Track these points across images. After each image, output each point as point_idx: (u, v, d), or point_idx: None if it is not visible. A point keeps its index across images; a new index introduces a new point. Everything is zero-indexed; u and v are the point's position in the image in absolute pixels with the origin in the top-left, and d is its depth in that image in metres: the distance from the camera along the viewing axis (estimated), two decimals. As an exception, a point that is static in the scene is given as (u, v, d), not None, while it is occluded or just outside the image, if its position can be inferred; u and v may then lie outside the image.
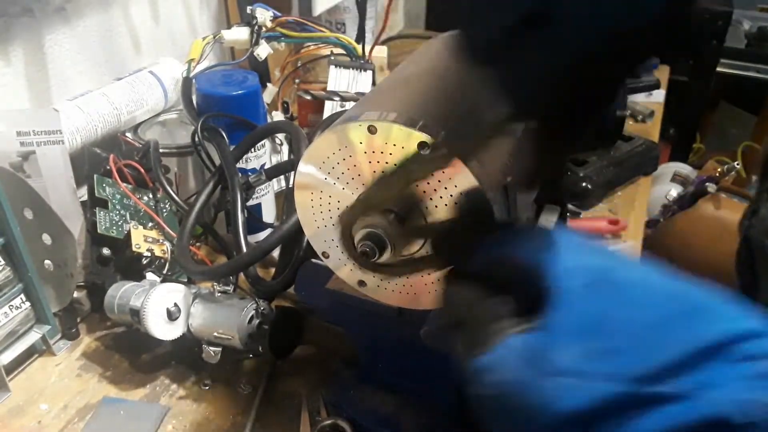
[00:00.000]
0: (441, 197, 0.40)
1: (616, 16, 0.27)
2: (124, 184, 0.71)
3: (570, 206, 0.88)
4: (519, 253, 0.33)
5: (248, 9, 0.87)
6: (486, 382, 0.31)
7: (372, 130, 0.40)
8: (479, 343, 0.32)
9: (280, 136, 0.81)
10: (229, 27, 0.96)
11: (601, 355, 0.28)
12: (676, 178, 1.43)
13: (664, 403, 0.27)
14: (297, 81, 0.96)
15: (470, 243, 0.35)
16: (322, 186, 0.44)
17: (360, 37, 0.95)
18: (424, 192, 0.41)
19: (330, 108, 0.88)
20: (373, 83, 0.91)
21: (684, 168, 1.48)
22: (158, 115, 0.86)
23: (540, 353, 0.29)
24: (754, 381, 0.26)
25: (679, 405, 0.27)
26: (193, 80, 0.80)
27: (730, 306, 0.30)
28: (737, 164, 1.32)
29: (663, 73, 1.28)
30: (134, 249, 0.67)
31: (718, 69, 1.62)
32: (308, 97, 0.91)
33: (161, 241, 0.70)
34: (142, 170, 0.72)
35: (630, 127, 1.11)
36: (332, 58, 0.91)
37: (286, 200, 0.77)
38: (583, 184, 0.88)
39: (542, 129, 0.34)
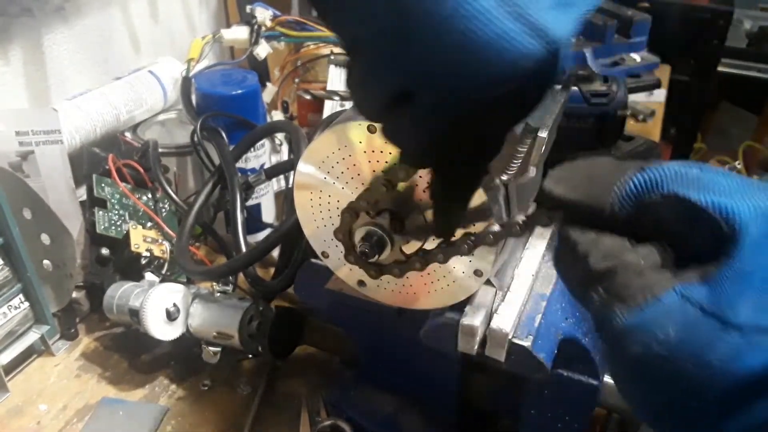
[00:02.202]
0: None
1: (473, 88, 0.27)
2: (123, 184, 0.70)
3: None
4: (692, 192, 0.27)
5: (248, 8, 0.86)
6: (646, 341, 0.26)
7: (371, 129, 0.40)
8: (635, 295, 0.26)
9: (280, 135, 0.81)
10: (228, 26, 0.96)
11: None
12: (676, 178, 1.43)
13: None
14: (297, 80, 0.96)
15: (607, 176, 0.28)
16: (322, 185, 0.44)
17: (360, 37, 0.94)
18: (424, 191, 0.41)
19: (330, 107, 0.88)
20: (373, 83, 0.91)
21: (685, 168, 1.48)
22: (157, 114, 0.86)
23: (719, 306, 0.25)
24: None
25: None
26: (193, 80, 0.80)
27: None
28: (738, 164, 1.32)
29: (664, 73, 1.28)
30: (133, 249, 0.67)
31: (719, 69, 1.61)
32: (308, 97, 0.91)
33: (160, 241, 0.70)
34: (141, 170, 0.72)
35: (631, 126, 1.11)
36: (332, 57, 0.90)
37: (285, 200, 0.77)
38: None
39: (438, 177, 0.35)
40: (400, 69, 0.27)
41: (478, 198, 0.40)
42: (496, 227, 0.38)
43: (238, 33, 0.86)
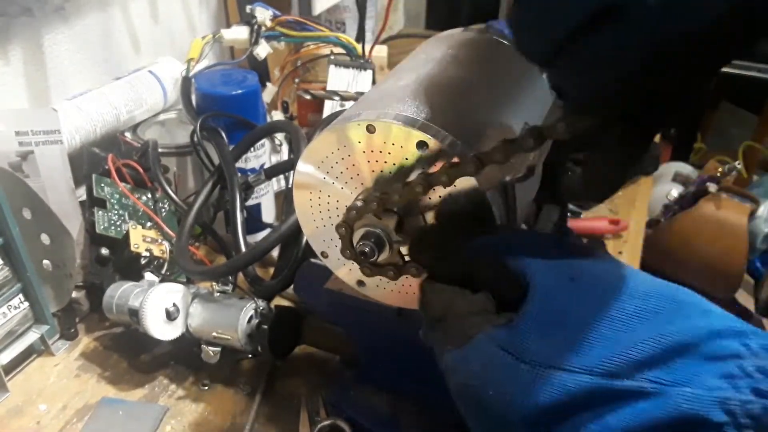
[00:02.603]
0: (440, 197, 0.40)
1: (697, 8, 0.24)
2: (123, 184, 0.70)
3: (570, 206, 0.88)
4: (495, 253, 0.34)
5: (248, 8, 0.86)
6: (462, 374, 0.31)
7: (371, 129, 0.40)
8: (456, 337, 0.32)
9: (280, 135, 0.81)
10: (228, 26, 0.96)
11: (576, 348, 0.28)
12: (677, 178, 1.43)
13: (637, 398, 0.27)
14: (297, 80, 0.96)
15: (448, 245, 0.36)
16: (321, 185, 0.44)
17: (360, 37, 0.95)
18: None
19: (330, 107, 0.88)
20: (373, 83, 0.91)
21: (685, 168, 1.48)
22: (157, 114, 0.86)
23: (515, 346, 0.30)
24: (732, 379, 0.26)
25: (652, 400, 0.26)
26: (193, 80, 0.80)
27: (705, 304, 0.30)
28: (738, 164, 1.32)
29: (664, 73, 1.28)
30: (133, 249, 0.67)
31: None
32: (308, 97, 0.91)
33: (160, 240, 0.70)
34: (141, 170, 0.72)
35: (631, 126, 1.10)
36: (332, 57, 0.90)
37: (285, 200, 0.77)
38: (584, 183, 0.88)
39: (611, 131, 0.31)
40: None
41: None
42: None
43: (238, 33, 0.86)
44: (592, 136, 0.32)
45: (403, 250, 0.43)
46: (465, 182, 0.39)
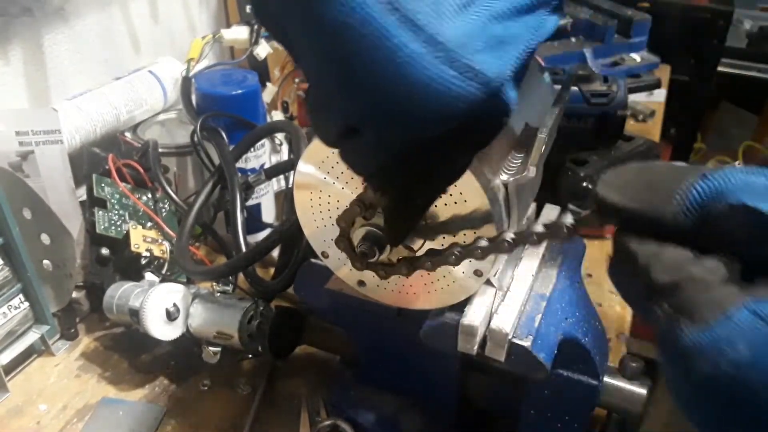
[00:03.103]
0: (440, 197, 0.40)
1: (413, 128, 0.28)
2: (123, 184, 0.70)
3: (570, 206, 0.88)
4: (746, 200, 0.25)
5: (248, 8, 0.87)
6: (715, 360, 0.24)
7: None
8: (703, 311, 0.25)
9: (280, 135, 0.81)
10: (228, 26, 0.96)
11: None
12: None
13: None
14: (297, 80, 0.95)
15: (669, 183, 0.27)
16: (322, 185, 0.44)
17: (360, 37, 0.94)
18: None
19: (330, 107, 0.88)
20: (373, 83, 0.91)
21: (685, 168, 1.48)
22: (157, 114, 0.86)
23: None
24: None
25: None
26: (193, 80, 0.80)
27: None
28: (738, 164, 1.32)
29: (664, 73, 1.28)
30: (133, 249, 0.67)
31: (719, 68, 1.61)
32: (308, 97, 0.91)
33: (160, 241, 0.70)
34: (141, 170, 0.72)
35: (631, 126, 1.11)
36: (332, 57, 0.90)
37: (285, 200, 0.77)
38: (583, 184, 0.88)
39: (388, 196, 0.36)
40: (345, 107, 0.29)
41: (479, 200, 0.40)
42: (509, 234, 0.38)
43: (238, 33, 0.86)
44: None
45: (396, 251, 0.43)
46: (466, 182, 0.39)
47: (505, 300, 0.45)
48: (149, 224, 0.71)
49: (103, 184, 0.69)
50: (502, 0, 0.28)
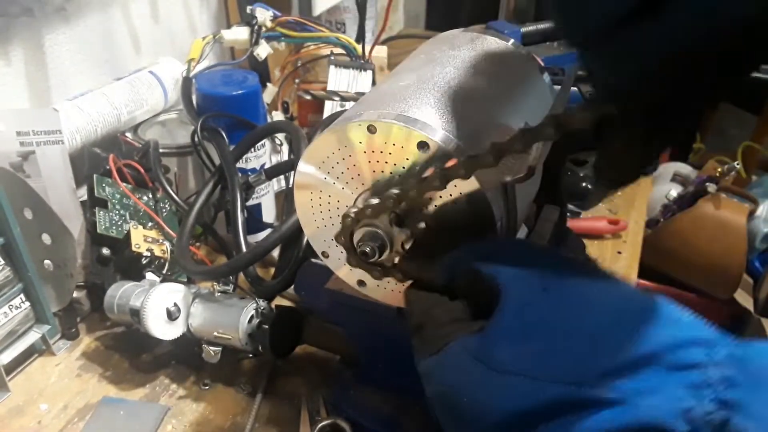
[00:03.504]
0: (440, 197, 0.40)
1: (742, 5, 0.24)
2: (124, 184, 0.71)
3: (570, 206, 0.88)
4: (476, 263, 0.34)
5: (248, 9, 0.87)
6: (436, 380, 0.32)
7: (372, 129, 0.40)
8: (432, 343, 0.33)
9: (280, 136, 0.81)
10: (229, 27, 0.96)
11: (544, 358, 0.29)
12: (676, 178, 1.43)
13: (602, 407, 0.27)
14: (297, 81, 0.96)
15: (435, 253, 0.37)
16: (322, 186, 0.44)
17: (360, 37, 0.95)
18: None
19: (330, 108, 0.88)
20: (373, 83, 0.91)
21: (684, 168, 1.48)
22: (158, 114, 0.86)
23: (486, 354, 0.30)
24: (695, 389, 0.26)
25: (617, 409, 0.27)
26: (193, 80, 0.80)
27: (675, 314, 0.30)
28: (737, 164, 1.32)
29: (663, 73, 1.28)
30: (134, 249, 0.67)
31: (719, 69, 1.61)
32: (308, 97, 0.91)
33: (161, 240, 0.70)
34: (142, 170, 0.72)
35: (630, 126, 1.11)
36: (332, 58, 0.91)
37: (286, 200, 0.77)
38: (583, 184, 0.88)
39: (633, 123, 0.31)
40: None
41: (479, 200, 0.40)
42: None
43: (239, 33, 0.87)
44: (609, 129, 0.31)
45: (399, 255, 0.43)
46: (467, 184, 0.39)
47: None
48: (150, 224, 0.71)
49: (104, 184, 0.70)
50: None
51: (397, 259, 0.43)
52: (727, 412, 0.26)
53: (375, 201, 0.41)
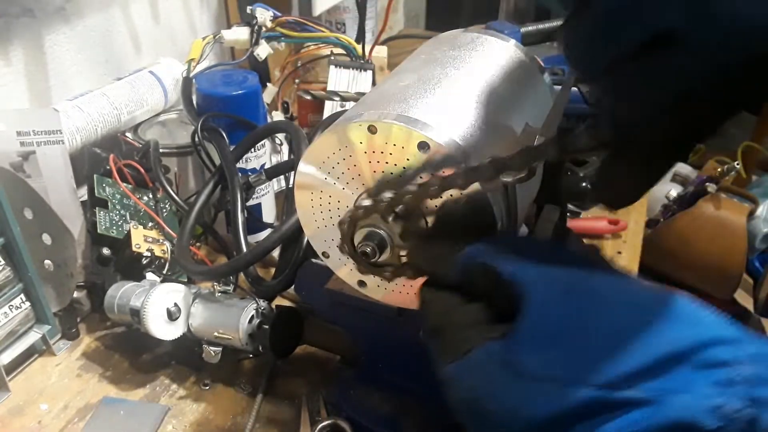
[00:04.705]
0: (441, 197, 0.40)
1: (757, 39, 0.24)
2: (124, 184, 0.71)
3: (570, 206, 0.88)
4: (495, 262, 0.33)
5: (248, 9, 0.87)
6: (460, 387, 0.32)
7: (372, 129, 0.40)
8: (455, 348, 0.32)
9: (280, 136, 0.81)
10: (229, 27, 0.96)
11: (572, 361, 0.29)
12: (676, 178, 1.43)
13: (633, 408, 0.27)
14: (297, 81, 0.96)
15: (448, 252, 0.36)
16: (322, 186, 0.44)
17: (360, 37, 0.95)
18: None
19: (330, 108, 0.88)
20: (373, 83, 0.91)
21: (684, 168, 1.48)
22: (158, 115, 0.86)
23: (513, 359, 0.30)
24: (723, 387, 0.27)
25: (647, 409, 0.27)
26: (193, 80, 0.80)
27: (699, 312, 0.30)
28: (737, 164, 1.32)
29: (663, 73, 1.28)
30: (134, 249, 0.67)
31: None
32: (308, 97, 0.91)
33: (161, 241, 0.70)
34: (142, 170, 0.72)
35: (630, 127, 1.11)
36: (332, 58, 0.91)
37: (286, 200, 0.77)
38: (583, 184, 0.88)
39: (635, 154, 0.32)
40: (670, 4, 0.24)
41: (479, 200, 0.40)
42: None
43: (239, 34, 0.87)
44: (610, 154, 0.33)
45: (403, 252, 0.43)
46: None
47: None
48: (150, 224, 0.71)
49: (104, 185, 0.70)
50: None
51: (404, 257, 0.43)
52: (756, 409, 0.26)
53: (368, 203, 0.41)
